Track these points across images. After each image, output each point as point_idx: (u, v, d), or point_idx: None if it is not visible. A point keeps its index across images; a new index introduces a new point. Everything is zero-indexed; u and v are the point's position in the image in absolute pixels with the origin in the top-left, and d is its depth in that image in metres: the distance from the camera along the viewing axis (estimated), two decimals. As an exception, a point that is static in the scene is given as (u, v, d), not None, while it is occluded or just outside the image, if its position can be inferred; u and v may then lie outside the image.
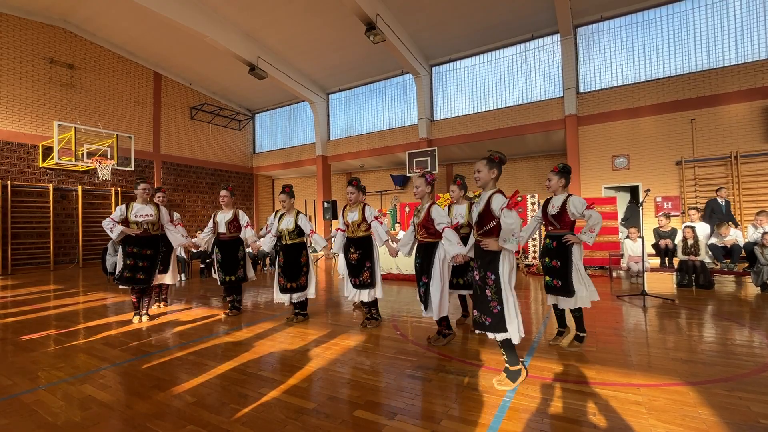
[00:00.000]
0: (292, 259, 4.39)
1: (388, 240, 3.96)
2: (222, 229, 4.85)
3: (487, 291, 2.63)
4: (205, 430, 2.13)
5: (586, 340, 3.49)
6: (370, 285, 4.07)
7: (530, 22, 10.89)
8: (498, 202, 2.60)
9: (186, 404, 2.45)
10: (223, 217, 4.86)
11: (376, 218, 4.03)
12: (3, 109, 10.79)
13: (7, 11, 10.81)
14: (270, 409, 2.37)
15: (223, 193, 4.86)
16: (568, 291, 3.26)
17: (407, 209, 10.29)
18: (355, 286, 4.14)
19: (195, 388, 2.70)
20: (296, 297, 4.44)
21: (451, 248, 3.13)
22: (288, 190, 4.45)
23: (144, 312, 4.80)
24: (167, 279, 5.17)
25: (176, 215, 5.52)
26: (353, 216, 4.09)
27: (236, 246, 4.92)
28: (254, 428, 2.15)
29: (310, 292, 4.49)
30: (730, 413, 2.18)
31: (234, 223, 4.87)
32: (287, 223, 4.39)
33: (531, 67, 11.57)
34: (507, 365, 2.66)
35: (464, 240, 3.47)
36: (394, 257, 4.03)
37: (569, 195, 3.37)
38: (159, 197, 5.21)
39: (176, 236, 4.80)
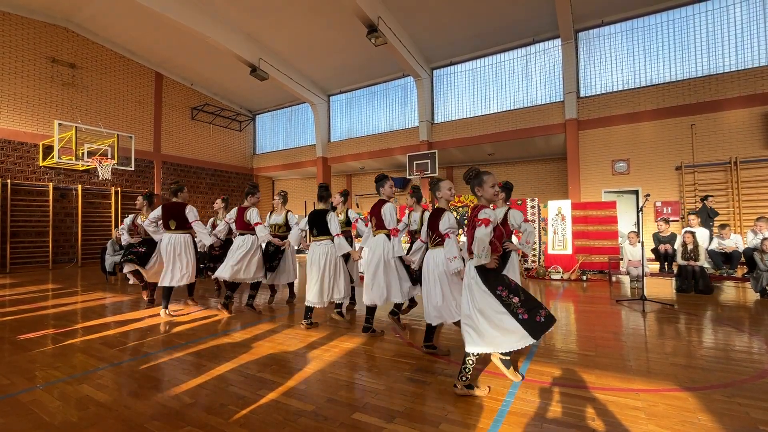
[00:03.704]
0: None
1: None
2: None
3: None
4: (203, 431, 2.13)
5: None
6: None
7: (531, 27, 10.93)
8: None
9: (184, 405, 2.44)
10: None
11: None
12: (4, 108, 10.79)
13: (10, 10, 10.83)
14: (268, 411, 2.36)
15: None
16: None
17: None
18: None
19: (193, 389, 2.69)
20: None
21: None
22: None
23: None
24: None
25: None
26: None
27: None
28: (252, 430, 2.14)
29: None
30: (730, 419, 2.18)
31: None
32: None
33: (532, 71, 11.61)
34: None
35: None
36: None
37: (509, 208, 3.81)
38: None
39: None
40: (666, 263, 6.99)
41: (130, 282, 5.90)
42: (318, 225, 4.28)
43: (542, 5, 9.91)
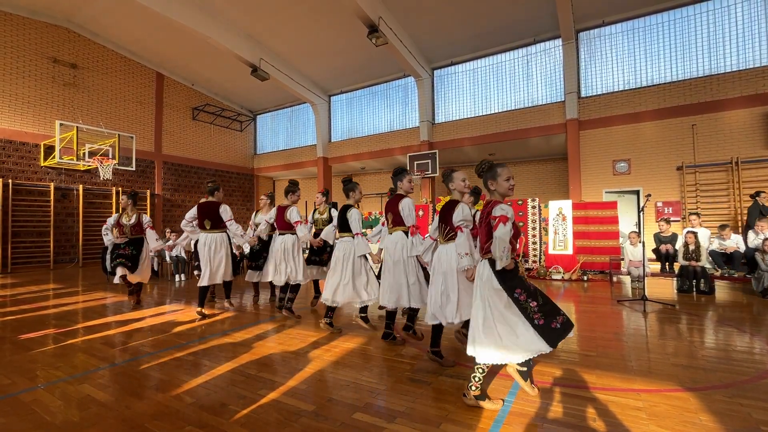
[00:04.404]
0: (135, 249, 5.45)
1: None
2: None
3: None
4: (204, 431, 2.13)
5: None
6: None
7: (532, 27, 10.93)
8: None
9: (185, 405, 2.44)
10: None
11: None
12: (6, 108, 10.81)
13: (12, 11, 10.85)
14: (269, 410, 2.36)
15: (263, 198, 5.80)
16: None
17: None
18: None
19: (194, 388, 2.69)
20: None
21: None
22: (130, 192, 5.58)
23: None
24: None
25: (146, 219, 5.58)
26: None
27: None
28: (253, 430, 2.14)
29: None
30: (731, 420, 2.17)
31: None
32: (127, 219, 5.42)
33: (532, 71, 11.60)
34: None
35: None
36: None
37: (477, 211, 3.84)
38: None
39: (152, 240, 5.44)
40: (667, 263, 6.99)
41: (116, 282, 5.57)
42: (341, 221, 4.12)
43: (543, 5, 9.91)
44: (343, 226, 4.10)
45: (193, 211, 4.98)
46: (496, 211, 2.31)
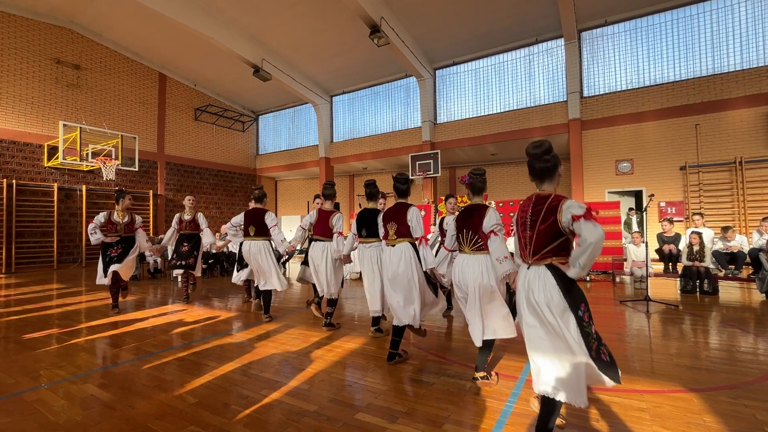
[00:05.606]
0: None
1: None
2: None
3: None
4: (206, 431, 2.13)
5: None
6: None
7: (534, 26, 10.91)
8: None
9: (187, 405, 2.45)
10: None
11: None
12: (9, 109, 10.87)
13: (15, 12, 10.91)
14: (271, 410, 2.37)
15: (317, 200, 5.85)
16: None
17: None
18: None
19: (196, 388, 2.70)
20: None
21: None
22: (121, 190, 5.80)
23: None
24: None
25: (138, 218, 5.70)
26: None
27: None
28: (255, 430, 2.14)
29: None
30: (736, 421, 2.16)
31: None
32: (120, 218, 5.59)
33: (535, 71, 11.58)
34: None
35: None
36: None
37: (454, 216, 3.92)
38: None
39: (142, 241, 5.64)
40: (670, 264, 6.95)
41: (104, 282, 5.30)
42: (368, 226, 3.84)
43: (545, 5, 9.89)
44: (373, 232, 3.79)
45: (240, 217, 4.89)
46: (574, 209, 1.80)
